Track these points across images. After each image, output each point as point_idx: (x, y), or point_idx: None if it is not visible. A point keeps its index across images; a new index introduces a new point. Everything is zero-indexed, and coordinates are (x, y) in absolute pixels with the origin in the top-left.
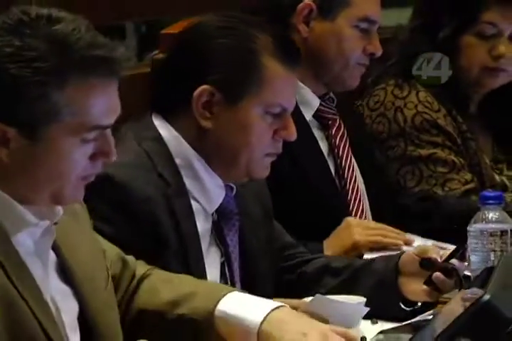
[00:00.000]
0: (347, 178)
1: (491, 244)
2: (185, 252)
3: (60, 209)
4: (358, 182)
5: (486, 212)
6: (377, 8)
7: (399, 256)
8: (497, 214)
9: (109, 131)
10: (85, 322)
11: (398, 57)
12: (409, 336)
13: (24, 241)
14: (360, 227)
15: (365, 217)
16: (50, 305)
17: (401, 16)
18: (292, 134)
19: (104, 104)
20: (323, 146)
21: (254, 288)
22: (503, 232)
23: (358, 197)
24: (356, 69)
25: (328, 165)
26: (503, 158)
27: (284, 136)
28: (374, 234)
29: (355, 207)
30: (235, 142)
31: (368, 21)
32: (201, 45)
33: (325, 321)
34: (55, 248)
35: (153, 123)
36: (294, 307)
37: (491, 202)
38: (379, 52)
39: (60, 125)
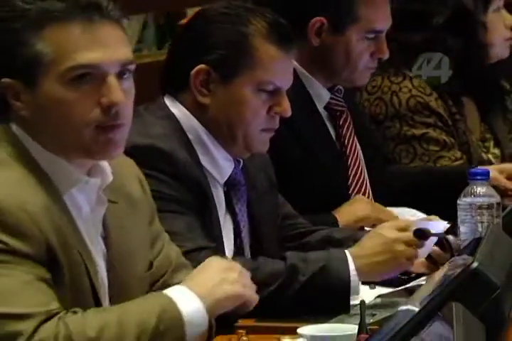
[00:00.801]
0: (350, 165)
1: (479, 216)
2: (209, 217)
3: (107, 168)
4: (362, 167)
5: (475, 187)
6: (385, 18)
7: None
8: (484, 188)
9: (111, 79)
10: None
11: (397, 51)
12: (405, 300)
13: (84, 207)
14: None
15: (368, 197)
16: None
17: None
18: (286, 110)
19: (87, 45)
20: (333, 135)
21: (260, 251)
22: (490, 205)
23: (360, 181)
24: (365, 72)
25: (339, 151)
26: (489, 136)
27: (278, 111)
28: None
29: (357, 191)
30: (230, 117)
31: (376, 32)
32: (201, 28)
33: None
34: (104, 225)
35: (164, 103)
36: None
37: (478, 177)
38: (386, 56)
39: (47, 69)
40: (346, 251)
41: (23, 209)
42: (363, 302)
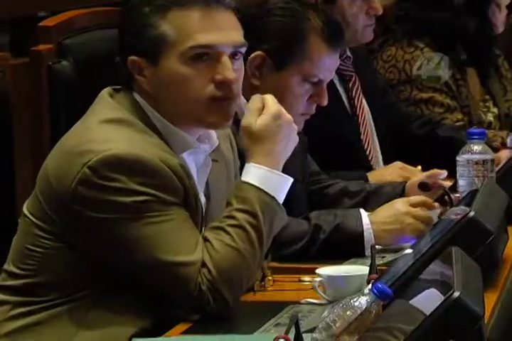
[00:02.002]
0: (360, 123)
1: (476, 171)
2: None
3: (214, 134)
4: (369, 125)
5: (472, 145)
6: None
7: (404, 183)
8: (480, 147)
9: (225, 59)
10: None
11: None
12: (410, 244)
13: (192, 168)
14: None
15: (374, 151)
16: None
17: None
18: (324, 101)
19: (206, 28)
20: (344, 97)
21: (289, 210)
22: (485, 161)
23: (369, 137)
24: (366, 30)
25: (347, 111)
26: (488, 97)
27: (317, 101)
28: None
29: (367, 145)
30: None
31: None
32: (263, 19)
33: None
34: (206, 182)
35: None
36: None
37: (475, 137)
38: (380, 12)
39: (170, 48)
40: (361, 209)
41: (167, 166)
42: (373, 246)
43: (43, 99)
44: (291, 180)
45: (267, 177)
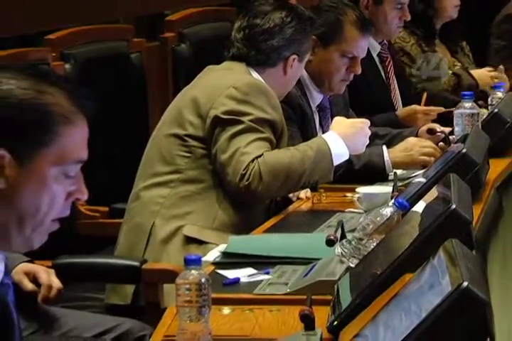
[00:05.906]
0: (391, 91)
1: (467, 121)
2: (307, 129)
3: None
4: (397, 94)
5: (464, 103)
6: None
7: (417, 129)
8: (470, 104)
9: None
10: None
11: None
12: (421, 171)
13: None
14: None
15: (399, 109)
16: None
17: None
18: (358, 70)
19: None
20: (382, 72)
21: None
22: (474, 114)
23: (396, 101)
24: (395, 29)
25: (384, 83)
26: (457, 64)
27: (352, 71)
28: None
29: (396, 106)
30: (322, 70)
31: (401, 3)
32: (316, 13)
33: None
34: None
35: None
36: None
37: (466, 97)
38: (408, 18)
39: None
40: (383, 146)
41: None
42: (395, 173)
43: (168, 72)
44: (347, 157)
45: (336, 141)
